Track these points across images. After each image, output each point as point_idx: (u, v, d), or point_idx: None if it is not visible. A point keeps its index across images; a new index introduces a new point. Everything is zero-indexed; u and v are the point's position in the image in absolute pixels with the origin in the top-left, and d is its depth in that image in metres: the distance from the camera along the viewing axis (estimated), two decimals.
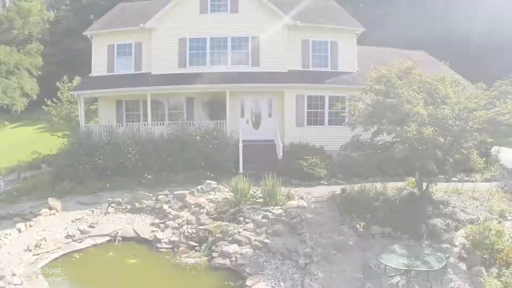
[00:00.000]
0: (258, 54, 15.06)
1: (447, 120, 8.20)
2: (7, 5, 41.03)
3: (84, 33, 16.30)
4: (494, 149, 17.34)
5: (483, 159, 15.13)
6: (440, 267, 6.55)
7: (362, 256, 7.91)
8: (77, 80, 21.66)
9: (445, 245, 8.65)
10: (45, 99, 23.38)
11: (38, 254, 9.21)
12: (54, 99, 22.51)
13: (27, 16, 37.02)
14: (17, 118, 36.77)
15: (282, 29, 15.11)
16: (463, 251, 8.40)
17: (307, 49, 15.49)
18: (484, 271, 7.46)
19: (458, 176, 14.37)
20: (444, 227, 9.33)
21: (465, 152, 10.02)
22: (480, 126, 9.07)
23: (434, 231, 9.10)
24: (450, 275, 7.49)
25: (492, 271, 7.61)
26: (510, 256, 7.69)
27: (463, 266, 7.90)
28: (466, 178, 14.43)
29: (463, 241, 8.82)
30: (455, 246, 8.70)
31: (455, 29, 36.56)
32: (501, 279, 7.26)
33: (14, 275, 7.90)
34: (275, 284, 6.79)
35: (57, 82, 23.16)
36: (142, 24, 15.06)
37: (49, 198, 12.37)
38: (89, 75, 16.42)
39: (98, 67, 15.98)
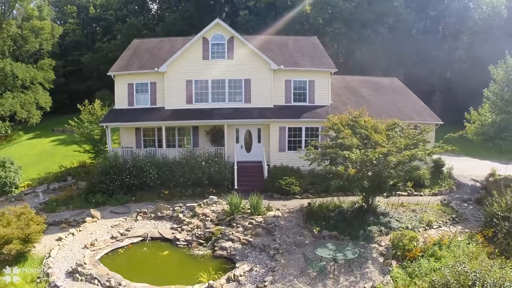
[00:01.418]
0: (250, 93, 19.91)
1: (372, 160, 12.89)
2: (14, 16, 45.48)
3: (108, 73, 21.06)
4: (446, 167, 21.96)
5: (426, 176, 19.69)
6: (353, 257, 11.28)
7: (312, 250, 12.68)
8: (97, 103, 26.37)
9: (373, 245, 13.35)
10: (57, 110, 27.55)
11: (94, 250, 13.95)
12: (75, 118, 27.18)
13: (40, 34, 41.56)
14: (30, 129, 41.46)
15: (269, 72, 19.90)
16: (384, 249, 12.95)
17: (289, 87, 20.31)
18: (393, 263, 12.00)
19: (409, 191, 19.06)
20: (377, 232, 14.02)
21: (401, 176, 14.69)
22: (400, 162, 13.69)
23: (369, 235, 13.71)
24: (369, 264, 12.13)
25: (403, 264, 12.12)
26: (417, 254, 12.26)
27: (381, 259, 12.42)
28: (415, 193, 19.10)
29: (387, 243, 13.42)
30: (381, 246, 13.18)
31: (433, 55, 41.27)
32: (406, 269, 11.71)
33: (85, 263, 12.69)
34: (253, 265, 11.60)
35: (78, 104, 27.65)
36: (156, 69, 19.88)
37: (91, 209, 17.17)
38: (113, 107, 21.22)
39: (121, 101, 20.81)
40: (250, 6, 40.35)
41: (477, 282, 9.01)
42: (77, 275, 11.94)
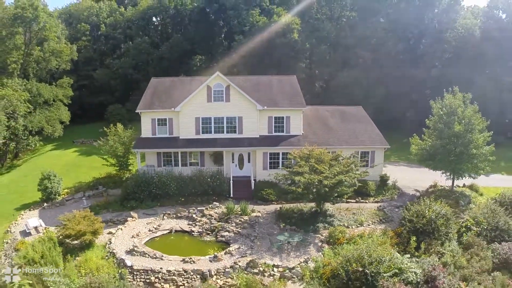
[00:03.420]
0: (242, 126, 29.62)
1: (314, 182, 22.48)
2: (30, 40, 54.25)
3: (136, 111, 30.67)
4: (391, 180, 31.36)
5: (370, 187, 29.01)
6: (298, 240, 20.99)
7: (276, 237, 22.40)
8: (120, 127, 35.85)
9: (318, 235, 23.00)
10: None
11: (139, 239, 23.61)
12: (101, 138, 36.54)
13: (59, 56, 51.02)
14: (50, 139, 50.29)
15: (256, 111, 29.56)
16: (324, 238, 22.59)
17: (271, 122, 30.00)
18: (326, 246, 21.63)
19: (357, 198, 28.57)
20: (322, 227, 23.68)
21: (344, 190, 24.21)
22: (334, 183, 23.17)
23: (316, 229, 23.39)
24: (311, 246, 21.73)
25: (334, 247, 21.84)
26: (342, 241, 21.74)
27: (320, 244, 22.16)
28: (362, 201, 28.60)
29: (327, 234, 22.99)
30: (323, 236, 22.82)
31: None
32: (334, 250, 21.29)
33: (137, 246, 22.40)
34: (240, 245, 21.35)
35: (103, 128, 36.82)
36: (173, 109, 29.54)
37: (131, 212, 26.87)
38: (140, 136, 30.92)
39: (146, 131, 30.53)
40: (245, 31, 49.87)
41: (365, 257, 17.90)
42: (134, 252, 21.60)
